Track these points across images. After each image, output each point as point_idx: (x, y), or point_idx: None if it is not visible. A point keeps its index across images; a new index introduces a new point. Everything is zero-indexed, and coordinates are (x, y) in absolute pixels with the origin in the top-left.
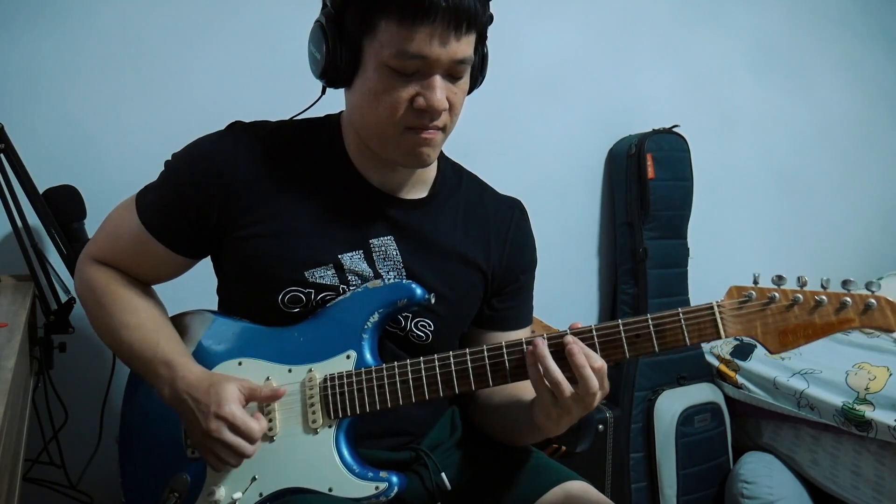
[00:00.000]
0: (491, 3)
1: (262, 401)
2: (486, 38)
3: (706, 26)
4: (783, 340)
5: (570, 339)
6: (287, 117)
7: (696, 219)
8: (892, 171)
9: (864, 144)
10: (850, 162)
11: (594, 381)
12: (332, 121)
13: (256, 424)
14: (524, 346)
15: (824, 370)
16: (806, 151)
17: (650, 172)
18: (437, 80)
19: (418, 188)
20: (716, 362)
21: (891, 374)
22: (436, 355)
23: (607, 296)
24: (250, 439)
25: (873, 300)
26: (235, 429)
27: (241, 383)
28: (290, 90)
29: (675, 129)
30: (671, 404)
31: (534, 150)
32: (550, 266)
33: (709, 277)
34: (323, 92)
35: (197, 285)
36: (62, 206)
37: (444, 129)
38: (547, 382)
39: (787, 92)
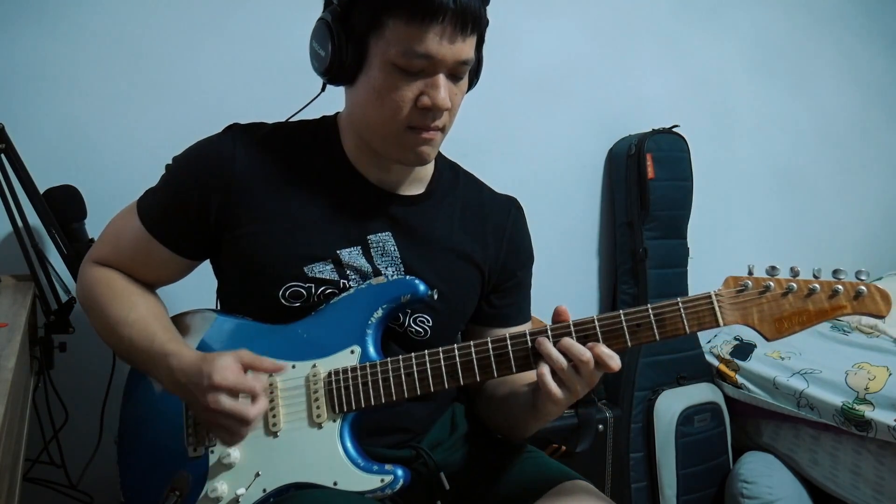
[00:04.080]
0: (491, 3)
1: (264, 370)
2: (483, 41)
3: (706, 26)
4: (779, 327)
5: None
6: (286, 117)
7: (695, 219)
8: (892, 170)
9: (864, 143)
10: (850, 161)
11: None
12: (328, 121)
13: (256, 382)
14: (528, 337)
15: (824, 370)
16: (805, 151)
17: (650, 172)
18: (442, 79)
19: (416, 185)
20: (716, 362)
21: (890, 374)
22: (440, 348)
23: (607, 296)
24: (252, 397)
25: (863, 287)
26: (233, 393)
27: (237, 353)
28: (290, 90)
29: (674, 129)
30: (671, 404)
31: (534, 150)
32: (550, 266)
33: (709, 277)
34: (323, 89)
35: (197, 286)
36: (62, 206)
37: (443, 130)
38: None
39: (786, 91)
